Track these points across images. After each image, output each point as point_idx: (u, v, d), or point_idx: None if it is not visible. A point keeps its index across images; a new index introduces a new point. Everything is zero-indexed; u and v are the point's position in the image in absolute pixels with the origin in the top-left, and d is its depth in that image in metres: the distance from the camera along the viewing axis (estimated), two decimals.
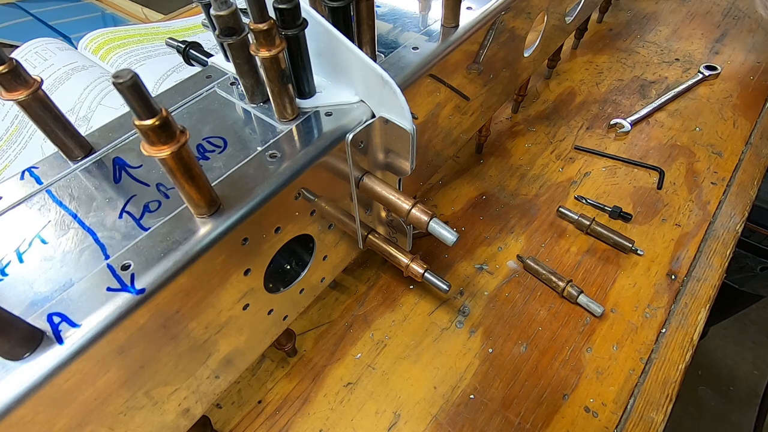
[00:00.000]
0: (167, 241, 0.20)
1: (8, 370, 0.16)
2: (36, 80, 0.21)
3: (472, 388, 0.32)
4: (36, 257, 0.20)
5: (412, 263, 0.31)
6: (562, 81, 0.56)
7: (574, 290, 0.35)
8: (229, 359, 0.26)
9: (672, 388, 0.32)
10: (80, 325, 0.17)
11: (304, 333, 0.35)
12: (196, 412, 0.26)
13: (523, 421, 0.30)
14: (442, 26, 0.31)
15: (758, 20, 0.62)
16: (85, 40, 0.60)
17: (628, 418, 0.31)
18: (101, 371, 0.19)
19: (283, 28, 0.22)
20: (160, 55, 0.58)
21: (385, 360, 0.34)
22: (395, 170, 0.29)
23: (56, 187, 0.23)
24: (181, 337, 0.22)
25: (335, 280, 0.38)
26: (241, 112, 0.26)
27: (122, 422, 0.21)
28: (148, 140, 0.17)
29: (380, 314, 0.36)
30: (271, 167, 0.23)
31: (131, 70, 0.15)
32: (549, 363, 0.33)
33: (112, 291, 0.18)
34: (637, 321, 0.35)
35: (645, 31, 0.62)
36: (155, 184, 0.23)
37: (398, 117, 0.25)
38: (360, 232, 0.31)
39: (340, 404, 0.32)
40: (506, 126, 0.51)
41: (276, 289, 0.27)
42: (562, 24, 0.47)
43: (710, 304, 0.36)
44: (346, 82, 0.27)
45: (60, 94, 0.51)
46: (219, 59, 0.30)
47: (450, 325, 0.35)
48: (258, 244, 0.23)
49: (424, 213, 0.27)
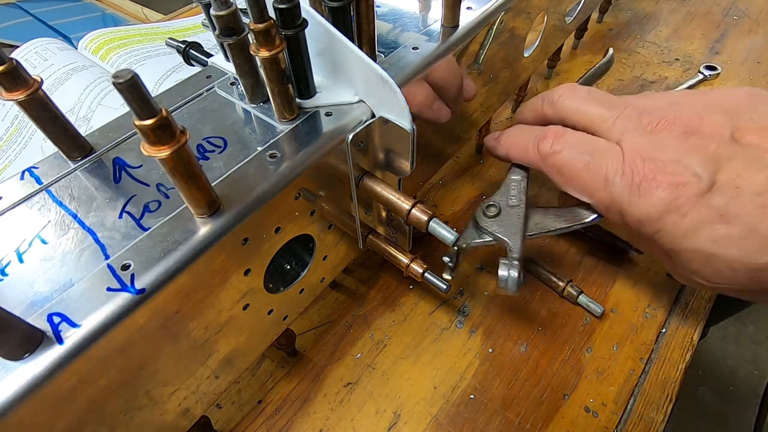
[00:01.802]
0: (167, 241, 0.20)
1: (8, 370, 0.16)
2: (36, 80, 0.21)
3: (472, 388, 0.32)
4: (36, 257, 0.20)
5: (412, 263, 0.31)
6: (562, 81, 0.56)
7: (574, 290, 0.35)
8: (229, 359, 0.26)
9: (672, 388, 0.32)
10: (80, 325, 0.17)
11: (304, 333, 0.35)
12: (196, 413, 0.26)
13: (523, 421, 0.30)
14: (442, 26, 0.31)
15: (758, 20, 0.62)
16: (85, 40, 0.60)
17: (628, 418, 0.31)
18: (101, 371, 0.19)
19: (283, 28, 0.22)
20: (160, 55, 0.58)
21: (385, 360, 0.34)
22: (395, 170, 0.29)
23: (56, 187, 0.23)
24: (181, 337, 0.22)
25: (335, 280, 0.38)
26: (241, 112, 0.26)
27: (122, 422, 0.21)
28: (148, 140, 0.17)
29: (380, 314, 0.36)
30: (271, 167, 0.23)
31: (131, 70, 0.15)
32: (549, 363, 0.33)
33: (112, 291, 0.18)
34: (637, 321, 0.35)
35: (645, 31, 0.62)
36: (155, 184, 0.23)
37: (398, 117, 0.25)
38: (360, 232, 0.31)
39: (340, 404, 0.32)
40: (506, 126, 0.51)
41: (276, 289, 0.27)
42: (562, 24, 0.47)
43: (710, 304, 0.36)
44: (346, 82, 0.27)
45: (60, 94, 0.51)
46: (219, 59, 0.30)
47: (450, 325, 0.35)
48: (258, 244, 0.23)
49: (424, 213, 0.27)
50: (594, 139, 0.29)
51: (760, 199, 0.24)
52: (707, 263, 0.25)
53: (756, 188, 0.24)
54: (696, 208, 0.25)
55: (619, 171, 0.27)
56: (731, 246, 0.24)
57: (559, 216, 0.32)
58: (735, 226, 0.24)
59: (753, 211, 0.24)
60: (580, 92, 0.31)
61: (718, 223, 0.24)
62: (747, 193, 0.24)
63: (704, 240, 0.25)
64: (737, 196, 0.24)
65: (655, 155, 0.26)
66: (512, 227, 0.31)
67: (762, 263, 0.24)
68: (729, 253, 0.24)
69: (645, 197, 0.26)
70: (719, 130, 0.26)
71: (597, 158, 0.28)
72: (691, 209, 0.25)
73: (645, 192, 0.26)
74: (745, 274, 0.25)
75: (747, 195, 0.24)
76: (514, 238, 0.30)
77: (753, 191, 0.24)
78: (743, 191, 0.24)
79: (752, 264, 0.24)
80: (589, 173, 0.28)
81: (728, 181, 0.24)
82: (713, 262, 0.25)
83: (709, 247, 0.25)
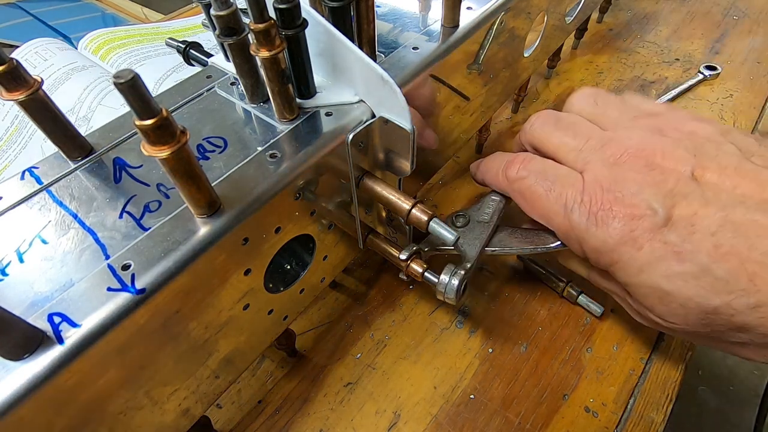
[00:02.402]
0: (168, 241, 0.20)
1: (8, 370, 0.16)
2: (36, 80, 0.21)
3: (472, 388, 0.32)
4: (36, 257, 0.20)
5: (412, 263, 0.31)
6: (562, 81, 0.56)
7: (574, 290, 0.35)
8: (229, 359, 0.26)
9: (672, 388, 0.32)
10: (81, 325, 0.17)
11: (304, 333, 0.35)
12: (196, 413, 0.26)
13: (523, 421, 0.30)
14: (442, 26, 0.31)
15: (758, 20, 0.62)
16: (85, 40, 0.60)
17: (628, 418, 0.31)
18: (101, 371, 0.19)
19: (283, 28, 0.22)
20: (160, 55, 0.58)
21: (385, 360, 0.34)
22: (395, 170, 0.29)
23: (56, 187, 0.23)
24: (181, 337, 0.22)
25: (335, 280, 0.38)
26: (242, 112, 0.26)
27: (122, 422, 0.21)
28: (148, 140, 0.17)
29: (380, 314, 0.36)
30: (271, 167, 0.23)
31: (132, 70, 0.15)
32: (549, 363, 0.33)
33: (113, 291, 0.18)
34: (637, 321, 0.35)
35: (645, 31, 0.62)
36: (155, 184, 0.23)
37: (398, 117, 0.25)
38: (360, 232, 0.31)
39: (340, 404, 0.32)
40: (506, 126, 0.51)
41: (276, 289, 0.27)
42: (562, 24, 0.47)
43: None
44: (346, 82, 0.27)
45: (60, 94, 0.51)
46: (219, 59, 0.30)
47: (450, 325, 0.35)
48: (258, 244, 0.23)
49: (425, 213, 0.27)
50: (558, 166, 0.30)
51: (713, 239, 0.23)
52: (661, 301, 0.25)
53: (711, 228, 0.23)
54: (651, 242, 0.24)
55: (578, 199, 0.27)
56: (684, 285, 0.24)
57: (524, 238, 0.32)
58: (689, 264, 0.23)
59: (706, 250, 0.23)
60: (549, 119, 0.32)
61: (672, 259, 0.24)
62: (701, 232, 0.23)
63: (659, 276, 0.24)
64: (692, 234, 0.24)
65: (615, 187, 0.26)
66: (474, 241, 0.32)
67: (713, 306, 0.23)
68: (683, 292, 0.24)
69: (602, 227, 0.26)
70: (680, 166, 0.26)
71: (558, 186, 0.28)
72: (645, 243, 0.25)
73: (602, 222, 0.26)
74: (697, 315, 0.24)
75: (701, 233, 0.23)
76: (471, 250, 0.31)
77: (707, 230, 0.23)
78: (698, 229, 0.24)
79: (704, 305, 0.23)
80: (549, 200, 0.28)
81: (684, 218, 0.24)
82: (667, 300, 0.25)
83: (664, 284, 0.24)
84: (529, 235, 0.32)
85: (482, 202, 0.34)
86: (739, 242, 0.23)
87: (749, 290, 0.22)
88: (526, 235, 0.32)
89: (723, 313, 0.23)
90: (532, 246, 0.31)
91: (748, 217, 0.23)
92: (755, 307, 0.22)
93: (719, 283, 0.23)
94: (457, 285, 0.28)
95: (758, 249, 0.22)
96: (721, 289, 0.23)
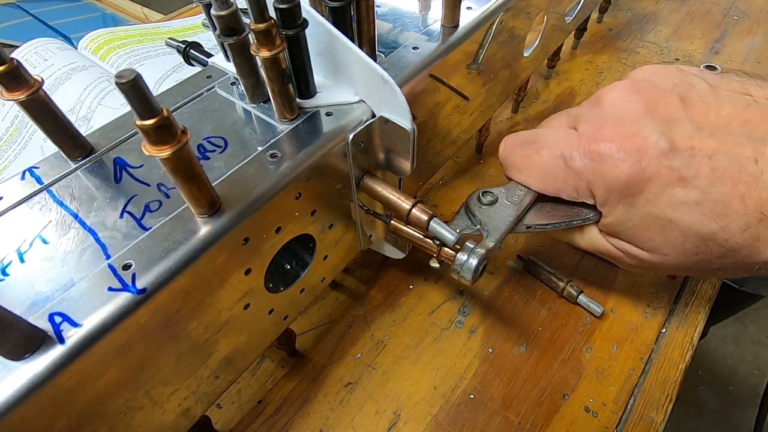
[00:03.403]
0: (168, 241, 0.20)
1: (9, 370, 0.16)
2: (37, 80, 0.21)
3: (472, 388, 0.32)
4: (37, 257, 0.20)
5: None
6: (562, 81, 0.56)
7: (574, 290, 0.35)
8: (229, 359, 0.26)
9: (672, 388, 0.32)
10: (81, 325, 0.17)
11: (304, 333, 0.35)
12: (196, 412, 0.26)
13: (523, 421, 0.30)
14: (442, 26, 0.31)
15: (758, 20, 0.62)
16: (85, 40, 0.60)
17: (628, 418, 0.31)
18: (102, 371, 0.19)
19: (283, 28, 0.22)
20: (160, 55, 0.58)
21: (385, 360, 0.34)
22: (395, 170, 0.29)
23: (57, 187, 0.23)
24: (181, 337, 0.22)
25: (335, 280, 0.38)
26: (242, 112, 0.26)
27: (123, 422, 0.21)
28: (149, 140, 0.17)
29: (380, 314, 0.36)
30: (271, 167, 0.23)
31: (134, 70, 0.15)
32: (549, 363, 0.33)
33: (113, 291, 0.18)
34: (637, 321, 0.35)
35: (645, 31, 0.62)
36: (156, 184, 0.23)
37: (398, 117, 0.25)
38: (360, 231, 0.31)
39: (340, 404, 0.32)
40: (506, 126, 0.51)
41: (276, 289, 0.27)
42: (562, 24, 0.47)
43: (710, 304, 0.36)
44: (346, 82, 0.27)
45: (60, 94, 0.51)
46: (219, 59, 0.30)
47: (450, 325, 0.35)
48: (259, 243, 0.23)
49: (425, 213, 0.27)
50: (544, 130, 0.30)
51: (711, 162, 0.24)
52: (663, 231, 0.25)
53: (707, 151, 0.24)
54: (658, 169, 0.25)
55: (575, 146, 0.27)
56: (687, 211, 0.24)
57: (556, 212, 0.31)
58: (692, 189, 0.24)
59: (705, 174, 0.24)
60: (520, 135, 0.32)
61: (677, 186, 0.24)
62: (700, 156, 0.24)
63: (665, 205, 0.25)
64: (693, 158, 0.24)
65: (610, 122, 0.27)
66: (501, 221, 0.29)
67: (710, 230, 0.24)
68: (685, 219, 0.24)
69: (608, 162, 0.26)
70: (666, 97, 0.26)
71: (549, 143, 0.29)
72: (653, 171, 0.25)
73: (607, 157, 0.26)
74: (693, 242, 0.25)
75: (700, 157, 0.24)
76: (495, 231, 0.28)
77: (705, 154, 0.24)
78: (697, 153, 0.24)
79: (703, 232, 0.24)
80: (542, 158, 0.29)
81: (684, 143, 0.25)
82: (669, 230, 0.25)
83: (669, 213, 0.25)
84: (560, 209, 0.31)
85: (513, 185, 0.32)
86: (732, 165, 0.23)
87: (740, 211, 0.23)
88: (558, 209, 0.31)
89: (718, 237, 0.24)
90: (567, 219, 0.30)
91: (735, 139, 0.24)
92: (746, 229, 0.23)
93: (717, 206, 0.24)
94: (475, 264, 0.26)
95: (747, 170, 0.23)
96: (718, 213, 0.24)
